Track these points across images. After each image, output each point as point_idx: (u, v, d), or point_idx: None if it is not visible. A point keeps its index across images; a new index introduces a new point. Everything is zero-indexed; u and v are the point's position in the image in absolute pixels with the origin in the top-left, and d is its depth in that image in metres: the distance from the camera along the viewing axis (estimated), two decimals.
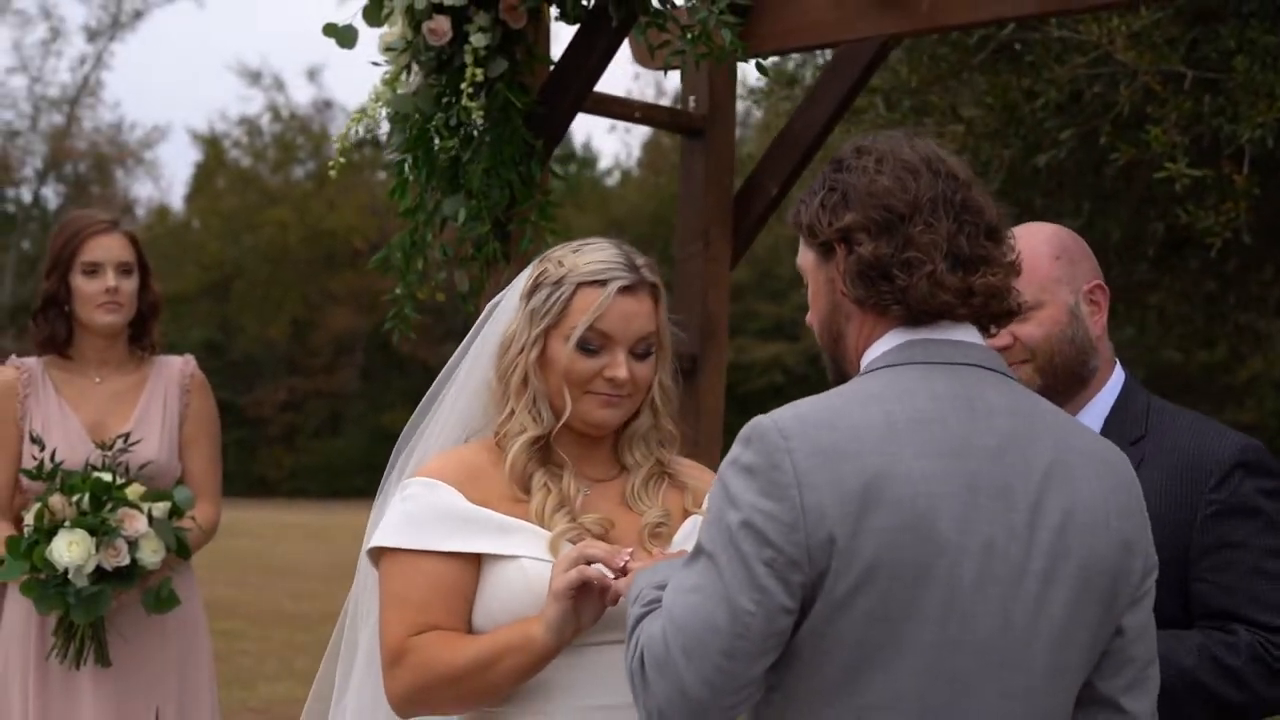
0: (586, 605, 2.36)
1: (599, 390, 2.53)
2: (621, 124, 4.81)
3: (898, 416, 1.96)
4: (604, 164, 49.88)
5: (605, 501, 2.59)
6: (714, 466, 4.23)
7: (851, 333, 2.13)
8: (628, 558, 2.33)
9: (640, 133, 40.11)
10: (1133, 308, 9.98)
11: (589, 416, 2.55)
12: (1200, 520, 2.60)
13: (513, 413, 2.57)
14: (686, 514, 2.64)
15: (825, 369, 2.22)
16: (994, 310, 2.08)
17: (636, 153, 45.22)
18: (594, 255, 2.57)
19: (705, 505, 2.64)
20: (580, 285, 2.53)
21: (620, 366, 2.52)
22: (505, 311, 2.70)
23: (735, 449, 2.00)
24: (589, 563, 2.34)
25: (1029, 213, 8.05)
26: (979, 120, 6.84)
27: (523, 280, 2.67)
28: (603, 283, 2.52)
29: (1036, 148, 6.72)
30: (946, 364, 2.04)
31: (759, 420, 1.98)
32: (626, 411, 2.59)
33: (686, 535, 2.59)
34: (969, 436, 1.98)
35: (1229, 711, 2.57)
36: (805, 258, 2.17)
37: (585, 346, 2.51)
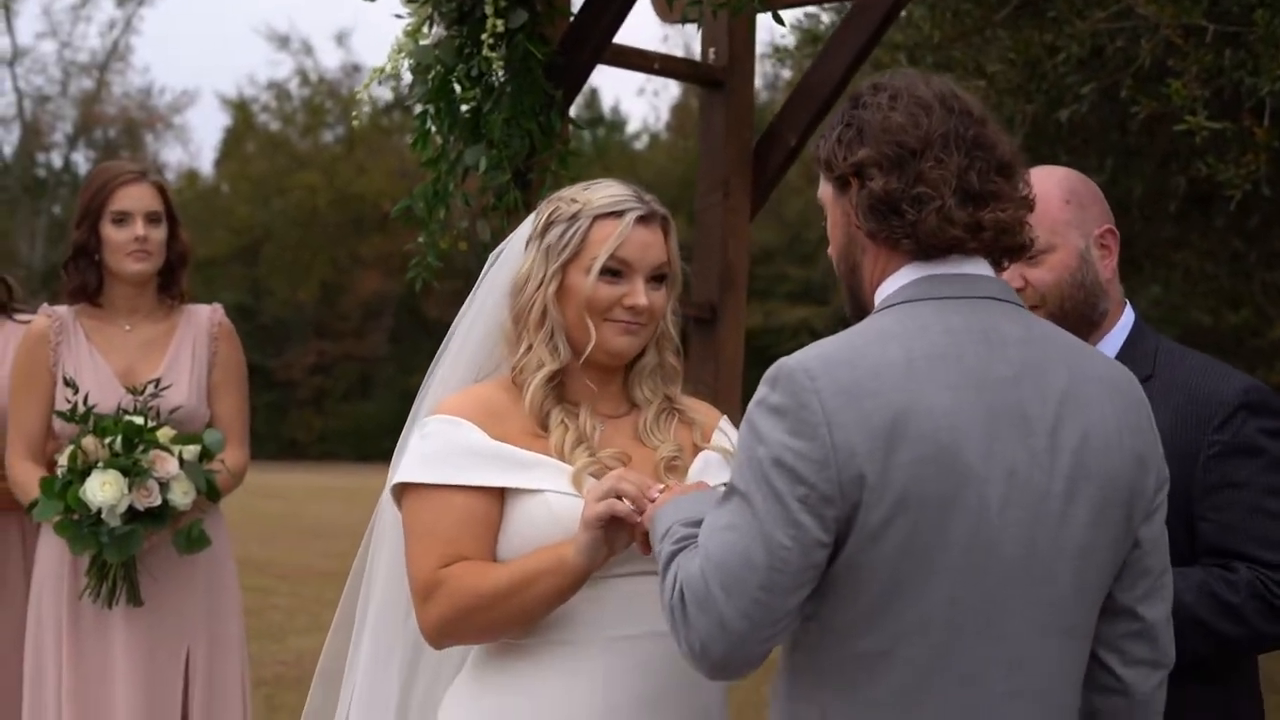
0: (617, 534, 2.42)
1: (618, 318, 2.60)
2: (650, 87, 4.90)
3: (916, 353, 2.01)
4: (632, 127, 49.92)
5: (619, 437, 2.65)
6: (733, 413, 4.29)
7: (866, 265, 2.18)
8: (657, 495, 2.37)
9: (668, 96, 40.14)
10: (1158, 265, 9.97)
11: (609, 345, 2.60)
12: (1204, 459, 2.62)
13: (530, 348, 2.62)
14: (696, 449, 2.70)
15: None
16: (1005, 244, 2.13)
17: (665, 116, 45.25)
18: (605, 190, 2.64)
19: (714, 441, 2.72)
20: (597, 218, 2.59)
21: (640, 294, 2.59)
22: (509, 260, 2.76)
23: (761, 390, 2.05)
24: (620, 496, 2.39)
25: None
26: (1001, 75, 6.86)
27: (526, 228, 2.73)
28: (619, 213, 2.59)
29: (1059, 102, 6.73)
30: (959, 298, 2.09)
31: (784, 362, 2.04)
32: (644, 340, 2.65)
33: (699, 470, 2.64)
34: (986, 368, 2.03)
35: (1228, 646, 2.60)
36: (824, 191, 2.22)
37: (608, 274, 2.58)
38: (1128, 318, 2.84)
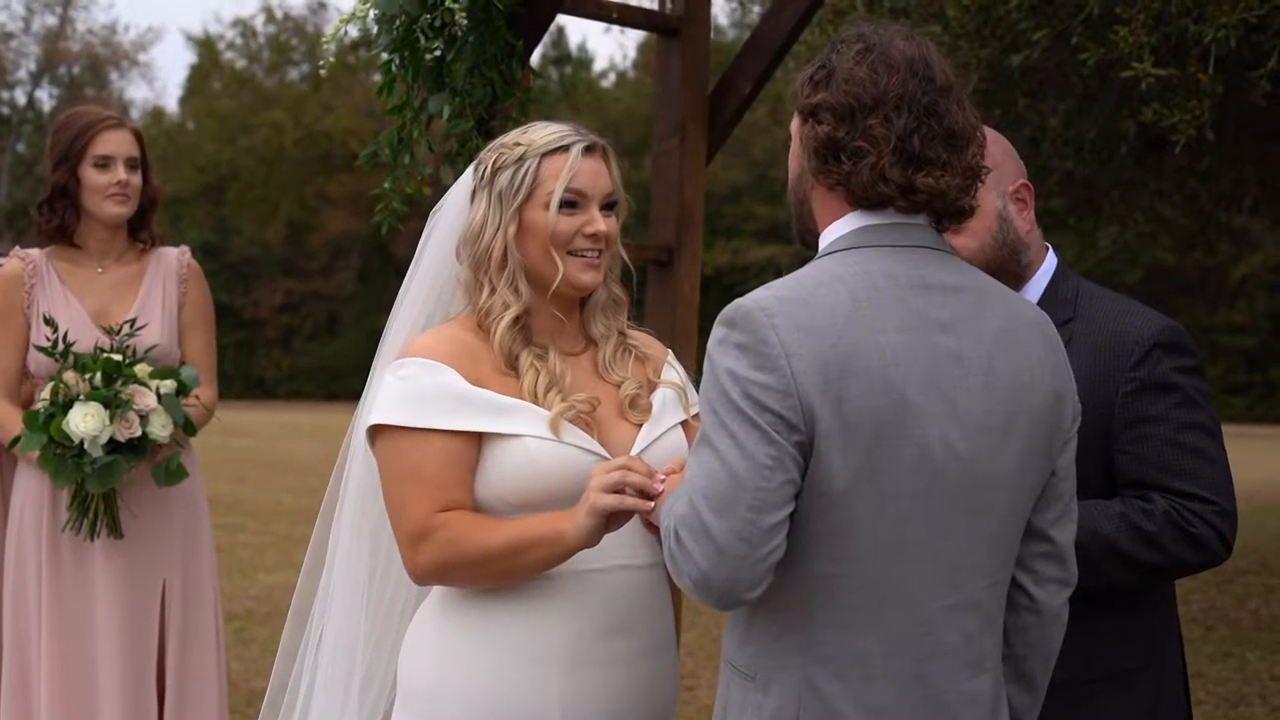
0: (618, 517, 2.52)
1: (580, 249, 2.71)
2: (617, 25, 4.86)
3: (861, 296, 2.14)
4: (599, 65, 49.75)
5: (580, 373, 2.76)
6: (690, 352, 4.41)
7: (815, 200, 2.31)
8: (661, 485, 2.46)
9: (635, 34, 39.99)
10: (1116, 207, 10.11)
11: (574, 279, 2.71)
12: (1121, 396, 2.74)
13: (493, 291, 2.71)
14: (652, 385, 2.82)
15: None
16: (939, 208, 2.24)
17: (632, 54, 45.11)
18: (545, 130, 2.75)
19: (664, 376, 2.85)
20: (544, 155, 2.70)
21: (598, 220, 2.71)
22: (450, 211, 2.86)
23: (720, 331, 2.15)
24: (627, 483, 2.46)
25: (1012, 113, 8.20)
26: (956, 21, 6.97)
27: (465, 182, 2.83)
28: (565, 147, 2.71)
29: (1013, 48, 6.85)
30: (897, 246, 2.22)
31: (740, 303, 2.15)
32: (603, 272, 2.76)
33: (659, 405, 2.78)
34: (925, 312, 2.16)
35: (1149, 573, 2.73)
36: (794, 121, 2.32)
37: (566, 205, 2.69)
38: (1050, 262, 2.96)
